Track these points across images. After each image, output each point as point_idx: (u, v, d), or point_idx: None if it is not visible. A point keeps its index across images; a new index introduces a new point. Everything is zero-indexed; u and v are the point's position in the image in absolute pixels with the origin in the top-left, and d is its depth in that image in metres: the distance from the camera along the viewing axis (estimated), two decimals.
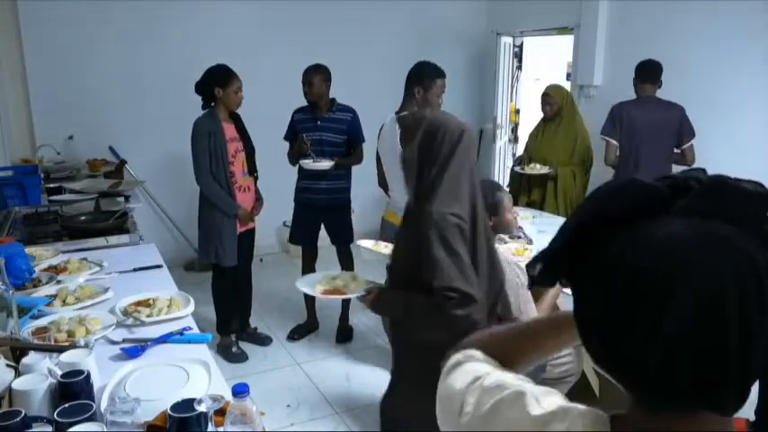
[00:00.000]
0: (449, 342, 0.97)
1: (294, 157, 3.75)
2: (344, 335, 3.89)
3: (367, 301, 1.93)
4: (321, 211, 3.82)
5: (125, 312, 1.97)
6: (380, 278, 2.25)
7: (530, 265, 0.70)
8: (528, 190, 4.27)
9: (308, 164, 3.62)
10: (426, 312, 1.70)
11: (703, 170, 0.64)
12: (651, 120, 3.86)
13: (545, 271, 0.68)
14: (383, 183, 3.26)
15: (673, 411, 0.61)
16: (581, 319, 0.65)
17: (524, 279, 2.10)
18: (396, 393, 1.92)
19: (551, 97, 4.15)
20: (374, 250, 2.38)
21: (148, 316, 1.95)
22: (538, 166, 4.09)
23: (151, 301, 2.04)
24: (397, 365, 1.92)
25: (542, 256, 0.68)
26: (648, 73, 3.94)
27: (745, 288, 0.55)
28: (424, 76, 3.10)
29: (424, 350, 1.44)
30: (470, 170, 1.74)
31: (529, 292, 2.22)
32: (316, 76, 3.64)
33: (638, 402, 0.64)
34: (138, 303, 2.03)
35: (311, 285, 2.17)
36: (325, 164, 3.61)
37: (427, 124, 1.75)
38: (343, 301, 3.96)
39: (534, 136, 4.35)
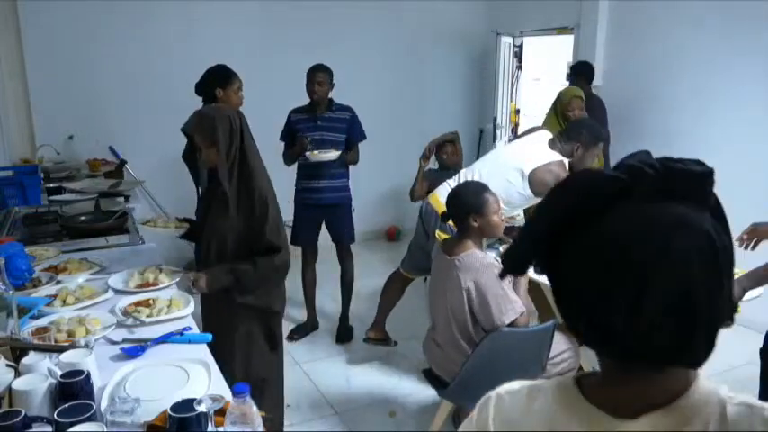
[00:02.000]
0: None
1: (291, 157, 3.75)
2: (344, 335, 3.89)
3: (200, 285, 2.12)
4: (323, 211, 3.82)
5: (125, 312, 1.97)
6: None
7: (504, 260, 0.76)
8: None
9: (315, 155, 3.58)
10: (268, 270, 2.17)
11: (647, 152, 0.73)
12: None
13: (520, 264, 0.75)
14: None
15: (644, 369, 0.68)
16: (562, 298, 0.72)
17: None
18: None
19: (582, 101, 3.94)
20: None
21: (148, 316, 1.95)
22: None
23: (151, 301, 2.04)
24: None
25: (516, 251, 0.75)
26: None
27: (706, 259, 0.64)
28: (584, 136, 3.02)
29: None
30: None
31: (508, 283, 2.29)
32: (324, 76, 3.64)
33: (610, 363, 0.71)
34: (138, 303, 2.03)
35: (125, 282, 2.22)
36: (332, 154, 3.60)
37: None
38: (343, 301, 3.96)
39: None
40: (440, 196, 3.04)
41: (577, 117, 3.81)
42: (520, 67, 6.16)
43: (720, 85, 4.09)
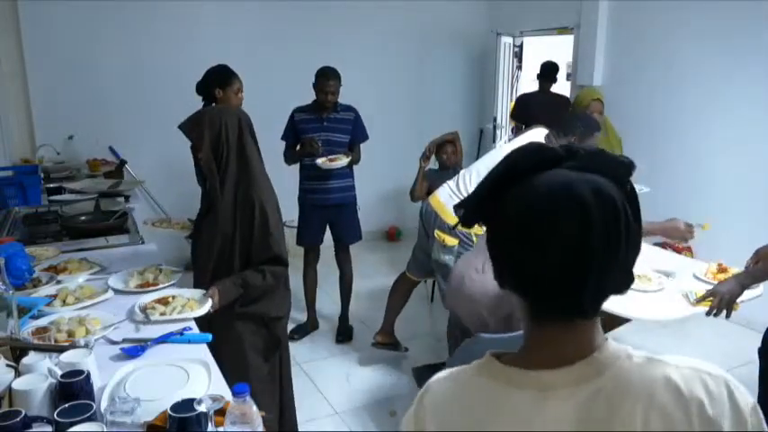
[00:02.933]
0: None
1: (294, 157, 3.74)
2: (344, 335, 3.89)
3: (214, 301, 2.04)
4: (330, 211, 3.82)
5: (144, 309, 1.96)
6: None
7: (456, 208, 0.86)
8: None
9: (326, 164, 3.58)
10: (276, 280, 2.17)
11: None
12: None
13: (469, 214, 0.84)
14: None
15: (554, 321, 0.78)
16: (493, 250, 0.81)
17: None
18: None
19: (602, 104, 3.66)
20: None
21: (162, 314, 1.94)
22: None
23: (170, 299, 2.02)
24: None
25: (466, 203, 0.84)
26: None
27: (609, 221, 0.74)
28: (578, 129, 2.90)
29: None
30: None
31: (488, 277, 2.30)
32: (336, 84, 3.64)
33: (528, 324, 0.81)
34: (159, 301, 2.02)
35: (125, 282, 2.21)
36: (344, 160, 3.61)
37: None
38: (343, 301, 3.96)
39: None
40: (440, 197, 3.04)
41: (597, 119, 3.55)
42: (520, 67, 6.17)
43: (720, 85, 4.09)
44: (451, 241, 2.90)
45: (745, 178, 3.95)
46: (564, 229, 0.73)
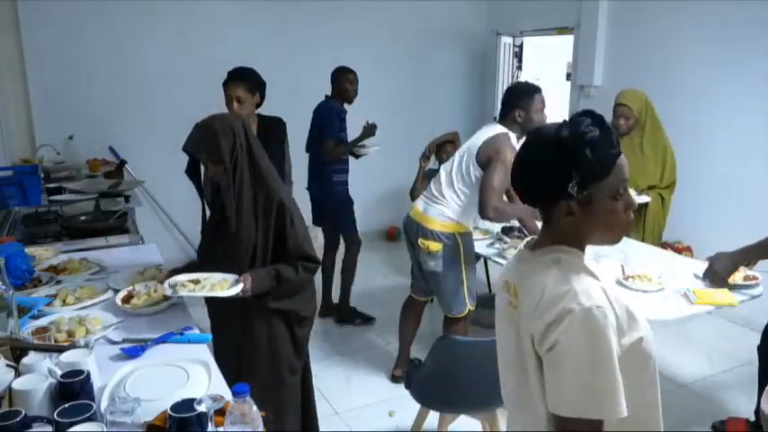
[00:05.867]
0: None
1: (349, 148, 3.94)
2: (346, 316, 4.07)
3: (245, 288, 1.94)
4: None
5: (173, 285, 1.92)
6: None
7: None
8: None
9: (375, 150, 4.03)
10: (305, 275, 2.09)
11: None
12: None
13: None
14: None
15: (544, 218, 1.23)
16: (520, 181, 1.23)
17: None
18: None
19: (629, 109, 3.35)
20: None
21: (191, 291, 1.90)
22: (633, 192, 3.42)
23: (202, 279, 1.97)
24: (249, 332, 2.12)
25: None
26: None
27: (552, 158, 1.15)
28: (520, 99, 2.90)
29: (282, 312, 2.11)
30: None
31: None
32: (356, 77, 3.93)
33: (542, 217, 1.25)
34: (192, 281, 1.96)
35: (125, 282, 2.16)
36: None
37: None
38: (343, 283, 4.12)
39: None
40: (418, 207, 3.02)
41: (620, 126, 3.37)
42: (520, 67, 6.16)
43: (720, 85, 4.09)
44: (435, 246, 2.90)
45: (745, 179, 3.95)
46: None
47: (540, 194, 1.19)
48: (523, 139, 1.27)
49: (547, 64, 6.83)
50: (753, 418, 2.71)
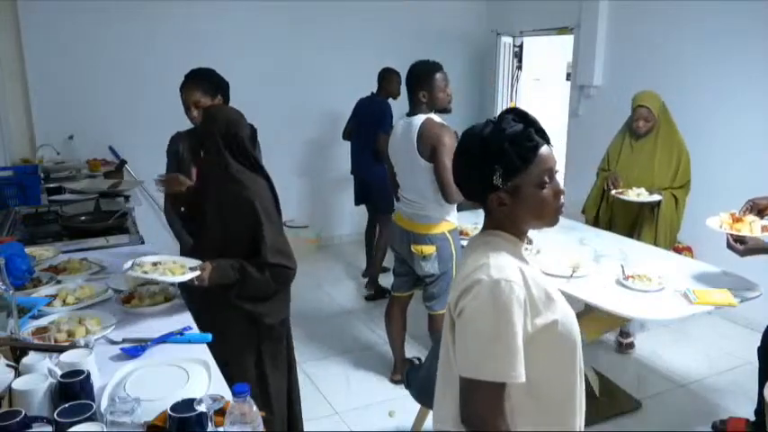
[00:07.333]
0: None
1: None
2: (377, 293, 4.48)
3: (201, 277, 1.99)
4: None
5: (134, 263, 2.00)
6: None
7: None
8: (609, 215, 3.57)
9: None
10: (270, 277, 2.05)
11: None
12: None
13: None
14: (394, 183, 3.23)
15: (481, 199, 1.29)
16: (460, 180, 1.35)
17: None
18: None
19: (649, 111, 3.34)
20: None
21: (144, 272, 1.97)
22: (643, 191, 3.29)
23: (162, 264, 2.05)
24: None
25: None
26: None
27: (478, 151, 1.27)
28: (421, 78, 3.03)
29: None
30: None
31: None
32: None
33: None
34: (154, 264, 2.05)
35: (125, 282, 2.17)
36: None
37: None
38: (375, 260, 4.56)
39: (618, 153, 3.54)
40: (402, 215, 3.05)
41: (640, 128, 3.38)
42: (520, 67, 6.16)
43: (720, 85, 4.09)
44: (429, 249, 2.93)
45: (745, 179, 3.95)
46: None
47: (474, 188, 1.29)
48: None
49: (547, 64, 6.82)
50: (753, 418, 2.71)
